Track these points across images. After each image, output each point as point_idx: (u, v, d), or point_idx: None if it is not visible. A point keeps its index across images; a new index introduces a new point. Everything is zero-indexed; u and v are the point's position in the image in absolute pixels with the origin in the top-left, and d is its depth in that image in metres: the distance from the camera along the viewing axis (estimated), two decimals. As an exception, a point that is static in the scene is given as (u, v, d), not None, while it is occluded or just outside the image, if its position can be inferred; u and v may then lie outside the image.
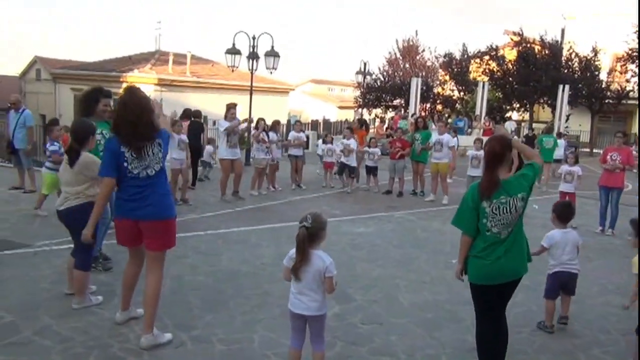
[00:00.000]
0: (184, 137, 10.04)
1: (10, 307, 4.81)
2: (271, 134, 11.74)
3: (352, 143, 12.27)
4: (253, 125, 11.86)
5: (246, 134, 13.78)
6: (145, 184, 4.15)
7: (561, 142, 16.99)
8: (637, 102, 28.49)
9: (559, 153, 15.58)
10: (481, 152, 11.00)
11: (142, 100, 4.19)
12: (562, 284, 5.04)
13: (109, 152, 4.20)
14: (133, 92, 4.24)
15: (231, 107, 10.42)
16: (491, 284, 3.83)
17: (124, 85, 25.72)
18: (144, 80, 24.37)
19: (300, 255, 3.53)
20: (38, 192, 8.62)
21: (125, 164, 4.14)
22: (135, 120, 4.08)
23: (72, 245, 5.06)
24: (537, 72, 26.73)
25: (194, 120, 11.93)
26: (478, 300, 3.97)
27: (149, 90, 23.49)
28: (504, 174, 3.83)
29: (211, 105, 16.23)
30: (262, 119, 11.64)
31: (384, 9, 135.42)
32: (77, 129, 4.96)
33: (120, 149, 4.13)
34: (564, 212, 5.18)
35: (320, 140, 15.45)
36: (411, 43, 33.82)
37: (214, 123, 16.27)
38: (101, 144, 5.41)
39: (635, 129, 29.78)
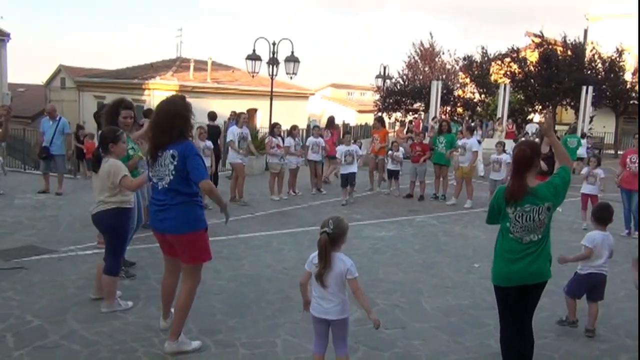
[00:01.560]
0: (209, 143, 10.13)
1: (38, 312, 4.90)
2: (289, 139, 11.78)
3: (355, 148, 11.38)
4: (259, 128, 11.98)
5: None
6: (164, 196, 4.09)
7: (584, 142, 18.70)
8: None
9: (581, 152, 17.24)
10: (502, 156, 10.92)
11: (166, 105, 4.16)
12: (591, 287, 4.96)
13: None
14: (167, 99, 4.27)
15: (242, 114, 10.91)
16: (511, 286, 3.80)
17: (146, 92, 26.14)
18: (166, 87, 24.66)
19: (323, 261, 3.51)
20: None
21: (150, 172, 4.20)
22: (154, 125, 4.13)
23: (97, 251, 5.14)
24: (559, 73, 26.39)
25: (212, 125, 11.96)
26: (500, 303, 3.94)
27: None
28: (532, 180, 3.78)
29: (232, 110, 16.34)
30: (277, 124, 11.66)
31: (405, 12, 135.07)
32: (102, 135, 5.09)
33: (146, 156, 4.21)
34: (602, 215, 5.11)
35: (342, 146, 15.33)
36: (428, 46, 33.65)
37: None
38: (129, 155, 5.52)
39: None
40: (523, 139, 18.22)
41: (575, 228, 8.97)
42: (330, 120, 14.63)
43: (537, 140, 10.68)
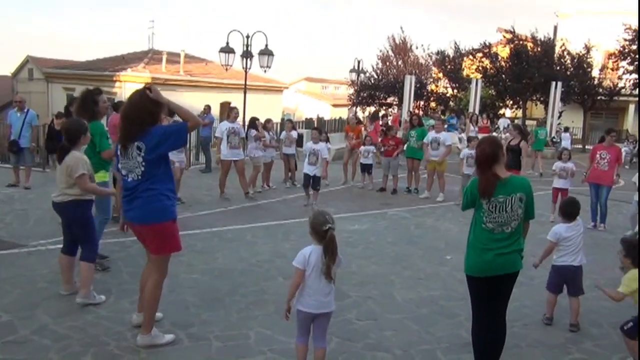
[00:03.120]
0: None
1: (6, 307, 4.83)
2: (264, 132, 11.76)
3: (321, 148, 10.16)
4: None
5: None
6: (132, 187, 4.08)
7: (567, 135, 21.79)
8: (628, 99, 28.74)
9: (566, 143, 20.07)
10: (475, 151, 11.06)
11: (136, 97, 4.12)
12: (565, 278, 5.09)
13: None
14: (137, 91, 4.21)
15: (234, 108, 10.74)
16: (482, 277, 3.89)
17: (117, 84, 25.73)
18: (138, 80, 24.29)
19: (334, 257, 3.55)
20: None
21: (119, 164, 4.18)
22: (124, 117, 4.10)
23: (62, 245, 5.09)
24: (529, 69, 26.80)
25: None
26: (472, 293, 4.02)
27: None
28: (502, 172, 3.87)
29: (205, 104, 16.21)
30: (256, 118, 11.65)
31: (376, 7, 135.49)
32: (69, 127, 4.98)
33: (117, 149, 4.19)
34: (569, 210, 5.22)
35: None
36: (402, 40, 33.84)
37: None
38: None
39: (626, 126, 29.99)
40: (494, 133, 18.61)
41: (543, 221, 9.16)
42: (375, 114, 17.25)
43: (507, 135, 10.91)
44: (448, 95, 31.64)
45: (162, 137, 4.00)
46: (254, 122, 11.41)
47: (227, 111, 10.78)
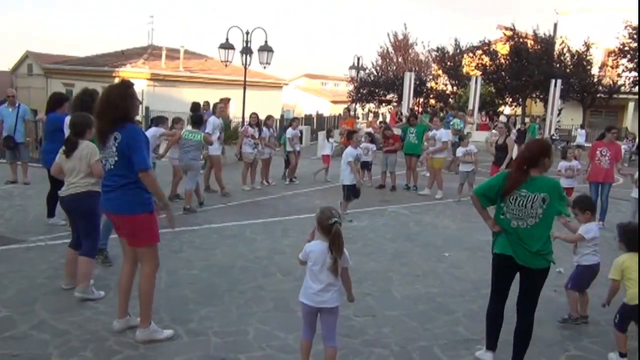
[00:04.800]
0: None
1: (5, 302, 4.84)
2: (264, 129, 11.76)
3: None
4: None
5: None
6: (109, 176, 4.16)
7: (582, 132, 22.57)
8: (628, 97, 28.75)
9: (581, 140, 21.27)
10: (471, 148, 11.11)
11: (114, 89, 4.19)
12: (593, 276, 5.11)
13: None
14: (108, 87, 4.28)
15: (218, 103, 11.10)
16: (507, 255, 3.95)
17: (117, 80, 25.70)
18: (137, 75, 24.31)
19: (340, 251, 3.56)
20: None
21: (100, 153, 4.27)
22: (97, 113, 4.18)
23: (67, 240, 5.09)
24: (529, 66, 26.85)
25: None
26: (496, 274, 4.12)
27: (142, 84, 23.42)
28: (535, 173, 3.93)
29: (204, 100, 16.21)
30: (255, 114, 11.65)
31: (376, 5, 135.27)
32: (76, 121, 5.10)
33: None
34: (592, 206, 5.25)
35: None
36: (402, 37, 33.84)
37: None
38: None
39: (626, 124, 30.00)
40: (494, 130, 18.65)
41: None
42: (434, 112, 17.66)
43: (495, 131, 10.94)
44: (447, 92, 31.65)
45: (133, 150, 4.03)
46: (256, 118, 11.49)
47: (215, 106, 11.04)
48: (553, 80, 24.16)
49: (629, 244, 4.44)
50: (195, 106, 11.87)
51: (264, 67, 17.72)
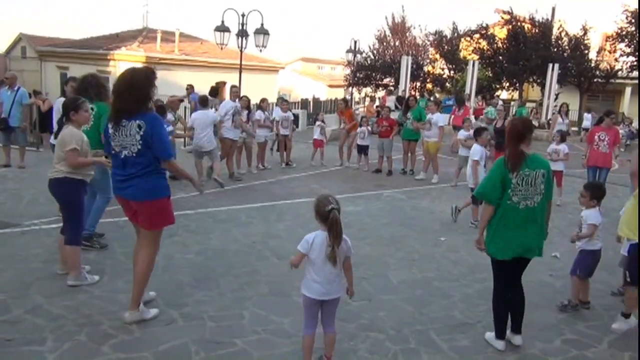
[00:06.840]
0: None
1: (0, 286, 4.82)
2: (259, 112, 11.67)
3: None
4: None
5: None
6: (129, 164, 4.11)
7: (588, 116, 21.65)
8: (625, 82, 28.68)
9: (587, 124, 20.64)
10: (470, 133, 11.05)
11: (134, 74, 4.14)
12: (597, 261, 5.13)
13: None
14: (132, 68, 4.27)
15: (233, 87, 11.09)
16: (508, 259, 4.10)
17: (111, 63, 25.43)
18: (132, 58, 24.04)
19: (339, 239, 3.47)
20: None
21: (110, 141, 4.18)
22: (119, 93, 4.10)
23: (61, 224, 5.06)
24: (526, 50, 26.68)
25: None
26: (498, 273, 4.25)
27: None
28: (526, 149, 4.09)
29: (200, 83, 16.09)
30: (246, 97, 11.49)
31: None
32: (64, 103, 5.07)
33: (107, 125, 4.21)
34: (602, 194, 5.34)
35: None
36: (400, 20, 33.58)
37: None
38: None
39: (622, 109, 29.96)
40: (482, 117, 18.67)
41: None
42: (461, 98, 17.84)
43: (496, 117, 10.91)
44: (445, 76, 31.50)
45: (157, 138, 4.09)
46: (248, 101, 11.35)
47: (231, 89, 11.01)
48: (550, 65, 24.05)
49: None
50: (213, 90, 12.13)
51: (260, 51, 17.54)
